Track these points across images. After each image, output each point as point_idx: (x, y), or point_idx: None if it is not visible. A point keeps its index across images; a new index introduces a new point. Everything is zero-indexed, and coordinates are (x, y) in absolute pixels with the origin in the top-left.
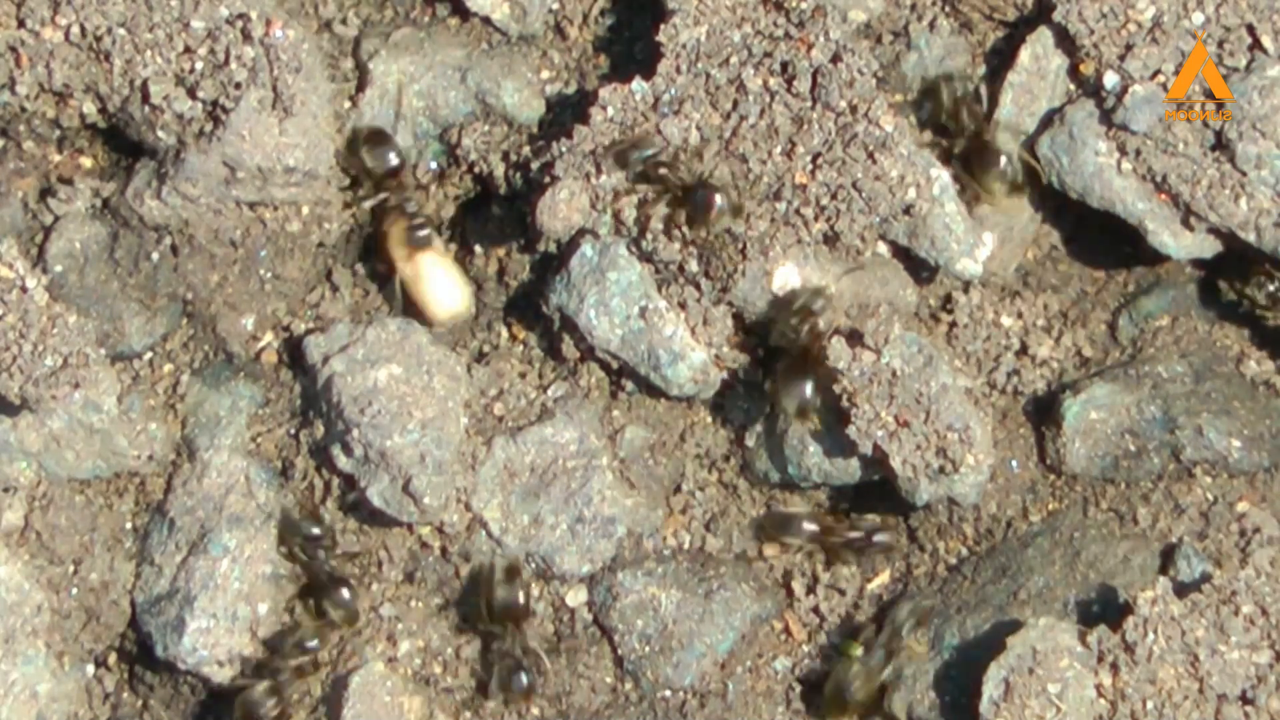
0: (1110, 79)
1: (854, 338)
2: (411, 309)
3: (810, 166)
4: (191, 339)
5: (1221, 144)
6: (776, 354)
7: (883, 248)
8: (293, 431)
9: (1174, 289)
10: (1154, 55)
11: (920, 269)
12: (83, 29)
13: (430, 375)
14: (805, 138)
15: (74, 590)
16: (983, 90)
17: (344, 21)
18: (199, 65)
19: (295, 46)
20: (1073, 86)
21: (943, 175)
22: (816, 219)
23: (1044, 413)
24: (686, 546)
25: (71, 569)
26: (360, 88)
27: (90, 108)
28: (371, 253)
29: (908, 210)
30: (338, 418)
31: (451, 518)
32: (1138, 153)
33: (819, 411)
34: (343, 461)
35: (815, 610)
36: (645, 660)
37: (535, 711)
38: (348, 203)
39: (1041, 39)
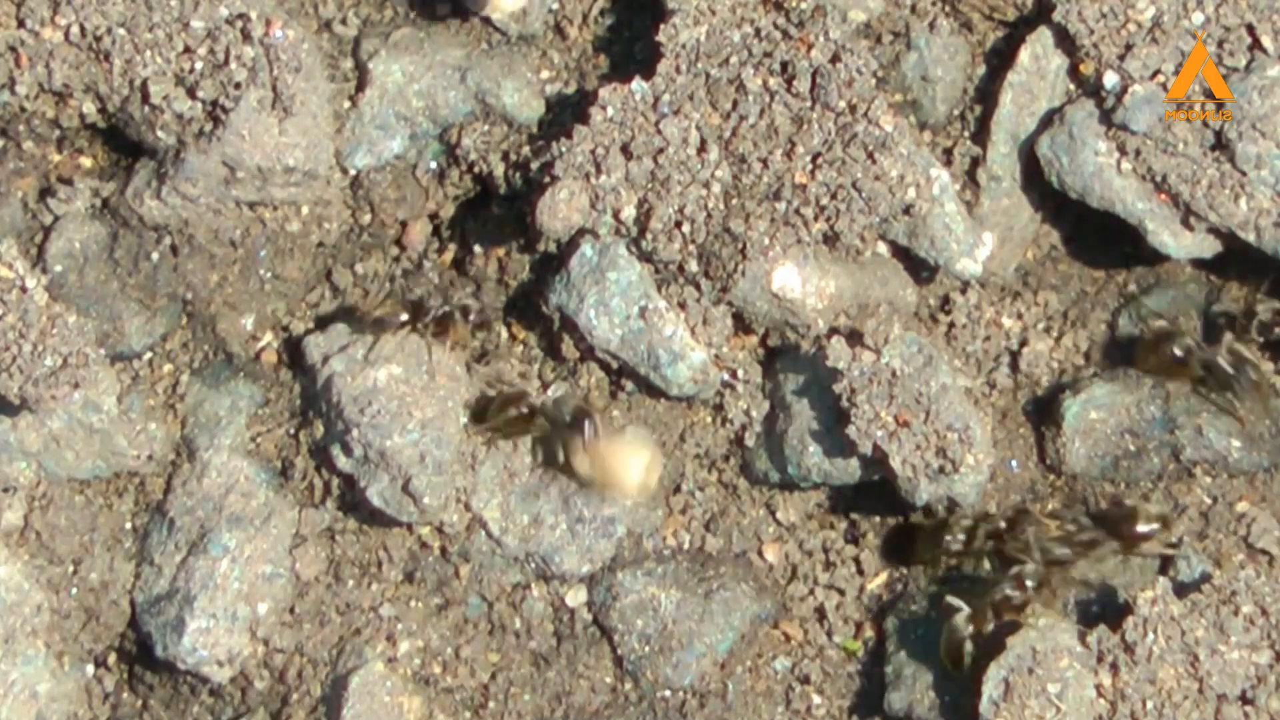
0: (1110, 79)
1: (854, 338)
2: (606, 495)
3: (810, 166)
4: (191, 339)
5: (1221, 144)
6: (776, 354)
7: (883, 248)
8: (292, 431)
9: (1174, 289)
10: (1154, 55)
11: (920, 269)
12: (83, 29)
13: (430, 375)
14: (805, 138)
15: (74, 590)
16: None
17: (344, 21)
18: (199, 65)
19: (295, 46)
20: (1073, 86)
21: (942, 175)
22: (816, 219)
23: (1044, 413)
24: (686, 546)
25: (71, 569)
26: (360, 88)
27: (90, 108)
28: (371, 253)
29: (908, 210)
30: (337, 418)
31: (451, 518)
32: (1138, 153)
33: None
34: (342, 461)
35: (815, 610)
36: (645, 660)
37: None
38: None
39: (1041, 39)
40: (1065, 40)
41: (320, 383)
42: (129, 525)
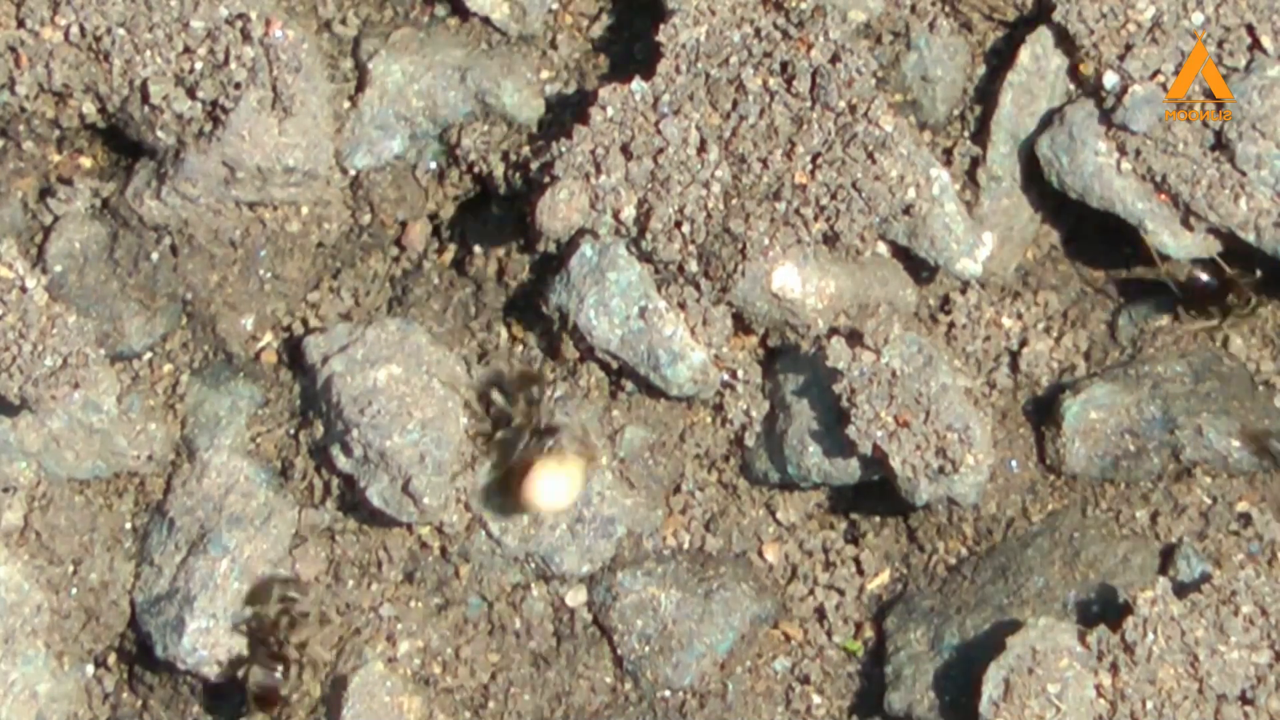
0: (1110, 79)
1: (854, 338)
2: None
3: (810, 166)
4: (191, 339)
5: (1221, 144)
6: (776, 354)
7: (883, 248)
8: (292, 431)
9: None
10: (1154, 55)
11: (920, 269)
12: (82, 29)
13: (430, 375)
14: (805, 138)
15: (74, 590)
16: None
17: (344, 21)
18: (199, 65)
19: (295, 46)
20: (1072, 86)
21: (942, 175)
22: (816, 219)
23: (1044, 413)
24: (686, 546)
25: (71, 569)
26: (360, 88)
27: (90, 108)
28: (371, 253)
29: (907, 210)
30: (337, 418)
31: (451, 518)
32: (1137, 153)
33: None
34: (342, 461)
35: (815, 610)
36: (645, 660)
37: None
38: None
39: (1041, 39)
40: (1065, 40)
41: (320, 383)
42: (129, 525)
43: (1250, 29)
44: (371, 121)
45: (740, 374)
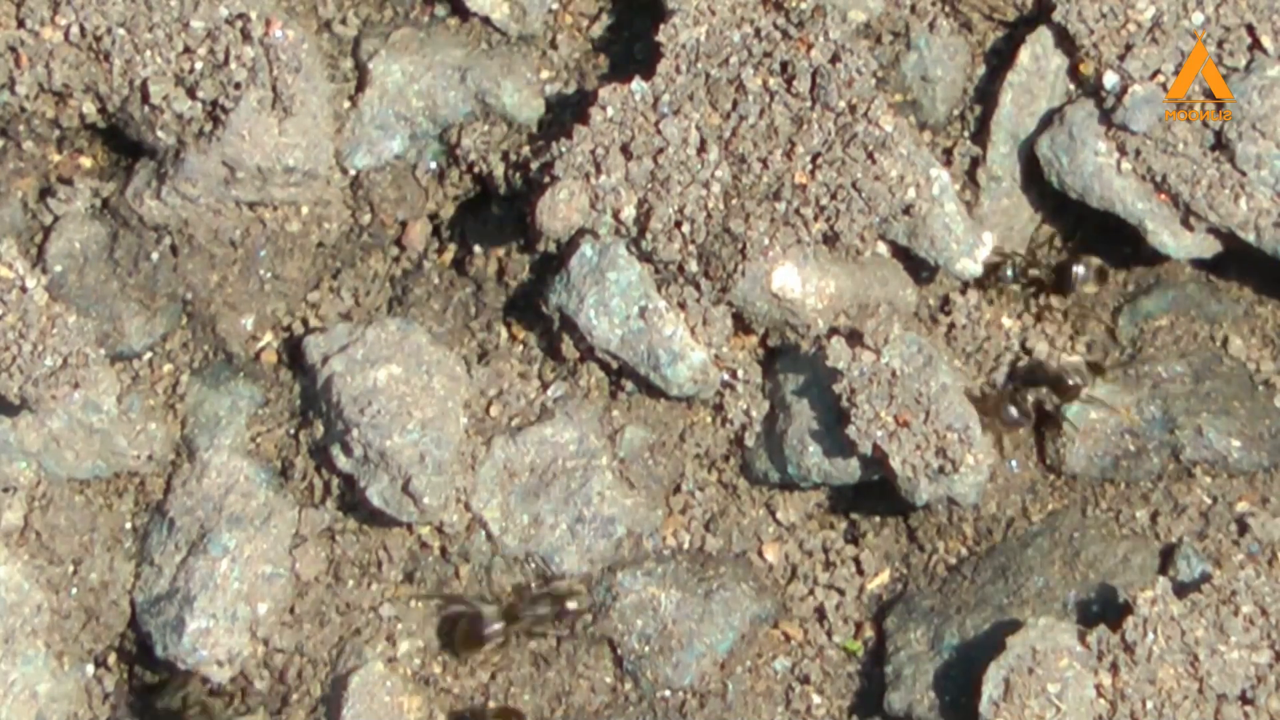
0: (1110, 79)
1: (854, 338)
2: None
3: (810, 166)
4: (191, 339)
5: (1221, 144)
6: (776, 354)
7: (883, 248)
8: (292, 431)
9: (1174, 289)
10: (1154, 55)
11: (920, 269)
12: (82, 29)
13: (430, 375)
14: (805, 138)
15: (74, 590)
16: None
17: (344, 21)
18: (199, 65)
19: (295, 46)
20: (1072, 86)
21: (942, 175)
22: (816, 219)
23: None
24: (686, 546)
25: (71, 569)
26: (360, 88)
27: (90, 108)
28: (371, 253)
29: (907, 210)
30: (337, 418)
31: (451, 518)
32: (1137, 153)
33: None
34: (342, 461)
35: (815, 610)
36: (645, 660)
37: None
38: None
39: (1041, 39)
40: (1065, 40)
41: (320, 383)
42: (129, 525)
43: (1250, 29)
44: (371, 121)
45: (740, 374)
